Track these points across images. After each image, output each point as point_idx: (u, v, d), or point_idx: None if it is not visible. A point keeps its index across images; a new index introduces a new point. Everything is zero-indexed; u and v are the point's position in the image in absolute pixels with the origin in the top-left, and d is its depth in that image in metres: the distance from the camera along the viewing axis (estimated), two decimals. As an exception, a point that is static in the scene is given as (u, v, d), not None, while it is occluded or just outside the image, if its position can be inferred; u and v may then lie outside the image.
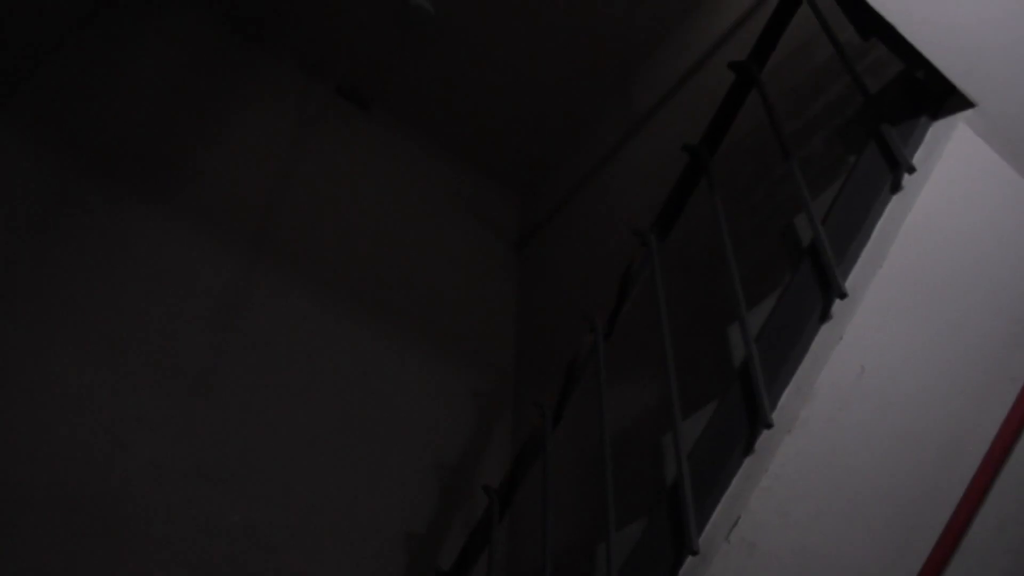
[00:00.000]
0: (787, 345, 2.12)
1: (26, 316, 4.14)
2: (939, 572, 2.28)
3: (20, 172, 4.54)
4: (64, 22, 5.11)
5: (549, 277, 6.12)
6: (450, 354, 5.55)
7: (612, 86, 6.30)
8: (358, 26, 6.17)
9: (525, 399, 5.25)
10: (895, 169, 2.14)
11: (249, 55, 6.04)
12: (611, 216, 5.69)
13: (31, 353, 4.05)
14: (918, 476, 2.21)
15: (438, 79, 6.50)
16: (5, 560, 3.54)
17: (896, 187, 2.14)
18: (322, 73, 6.35)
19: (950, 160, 2.08)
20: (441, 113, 6.69)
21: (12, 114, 4.65)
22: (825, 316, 2.10)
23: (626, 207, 5.43)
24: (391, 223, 5.97)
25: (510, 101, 6.57)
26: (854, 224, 2.14)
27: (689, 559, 2.05)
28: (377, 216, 5.93)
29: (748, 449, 2.08)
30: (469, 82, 6.50)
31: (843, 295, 2.05)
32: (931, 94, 2.16)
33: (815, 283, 2.15)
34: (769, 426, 2.03)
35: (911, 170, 2.09)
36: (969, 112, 2.09)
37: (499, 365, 5.76)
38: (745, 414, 2.13)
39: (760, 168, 4.18)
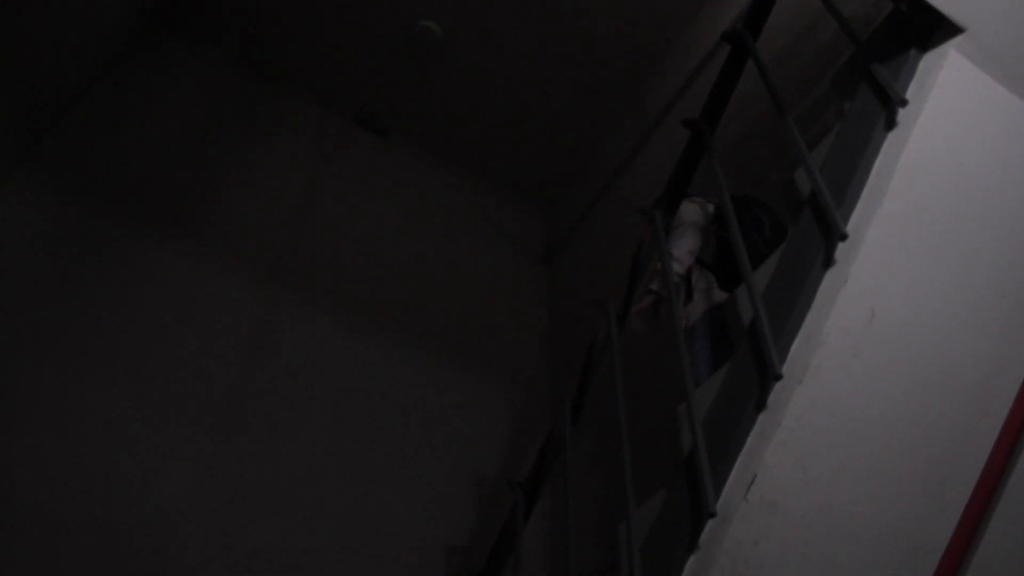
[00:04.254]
0: (793, 295, 2.06)
1: (60, 352, 4.22)
2: (978, 525, 2.18)
3: (49, 214, 4.65)
4: (86, 71, 5.25)
5: (577, 288, 6.07)
6: (482, 369, 5.52)
7: (624, 94, 6.28)
8: (371, 56, 6.24)
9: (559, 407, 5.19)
10: (888, 105, 2.07)
11: (266, 92, 6.15)
12: (634, 220, 5.63)
13: (65, 387, 4.12)
14: (945, 424, 2.12)
15: (454, 102, 6.54)
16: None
17: (891, 124, 2.07)
18: (339, 104, 6.43)
19: (943, 89, 2.01)
20: (459, 135, 6.72)
21: (39, 161, 4.77)
22: (829, 261, 2.04)
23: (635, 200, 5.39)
24: (417, 245, 5.99)
25: (527, 118, 6.58)
26: (850, 166, 2.08)
27: (709, 523, 1.98)
28: (402, 239, 5.96)
29: (760, 405, 2.01)
30: (485, 102, 6.53)
31: (843, 236, 1.98)
32: (918, 25, 2.09)
33: (816, 229, 2.09)
34: (779, 378, 1.96)
35: (903, 103, 2.03)
36: (959, 38, 2.02)
37: (532, 377, 5.71)
38: (755, 370, 2.06)
39: (766, 142, 4.15)
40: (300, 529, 4.28)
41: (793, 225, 2.25)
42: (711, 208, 3.41)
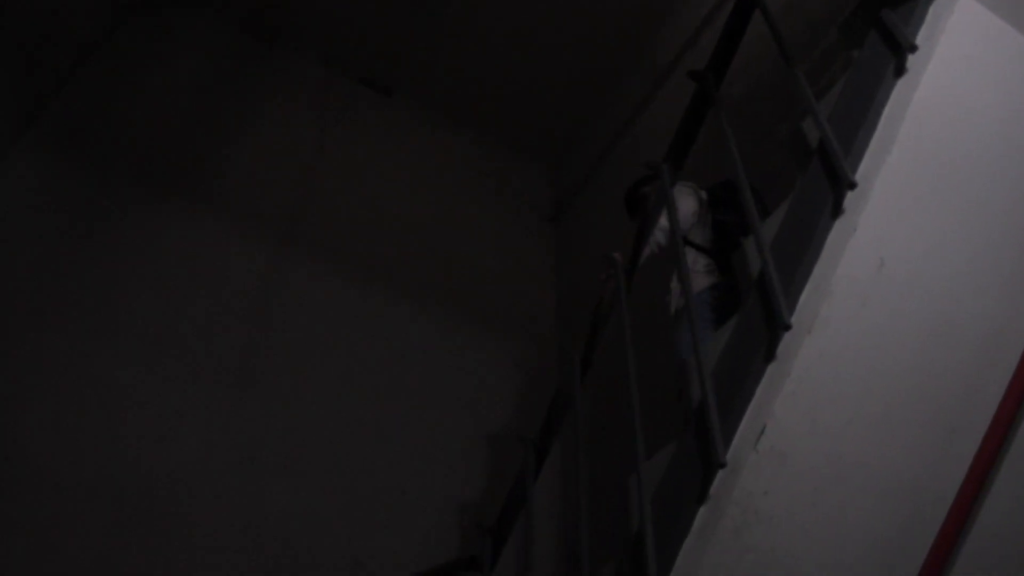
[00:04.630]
0: (801, 245, 2.04)
1: (68, 320, 4.24)
2: (987, 475, 2.17)
3: (54, 181, 4.66)
4: (85, 37, 5.22)
5: (586, 245, 6.05)
6: (492, 327, 5.53)
7: (632, 46, 6.20)
8: (374, 14, 6.17)
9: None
10: (897, 52, 2.04)
11: (269, 55, 6.10)
12: (641, 176, 5.59)
13: (74, 355, 4.14)
14: (955, 375, 2.10)
15: (458, 60, 6.48)
16: (58, 555, 3.62)
17: (900, 70, 2.04)
18: (342, 64, 6.38)
19: (954, 34, 1.98)
20: (464, 93, 6.66)
21: (42, 128, 4.76)
22: (837, 210, 2.02)
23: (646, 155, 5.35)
24: (423, 205, 5.97)
25: (533, 75, 6.52)
26: (859, 114, 2.05)
27: (719, 473, 1.98)
28: (408, 199, 5.94)
29: (769, 356, 2.00)
30: (489, 59, 6.46)
31: (852, 185, 1.96)
32: (929, -31, 2.06)
33: (824, 179, 2.07)
34: (788, 327, 1.95)
35: (913, 49, 2.00)
36: (970, -19, 1.99)
37: (541, 334, 5.73)
38: (764, 321, 2.05)
39: (772, 98, 4.11)
40: (312, 489, 4.32)
41: (801, 175, 2.22)
42: (704, 195, 3.42)
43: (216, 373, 4.46)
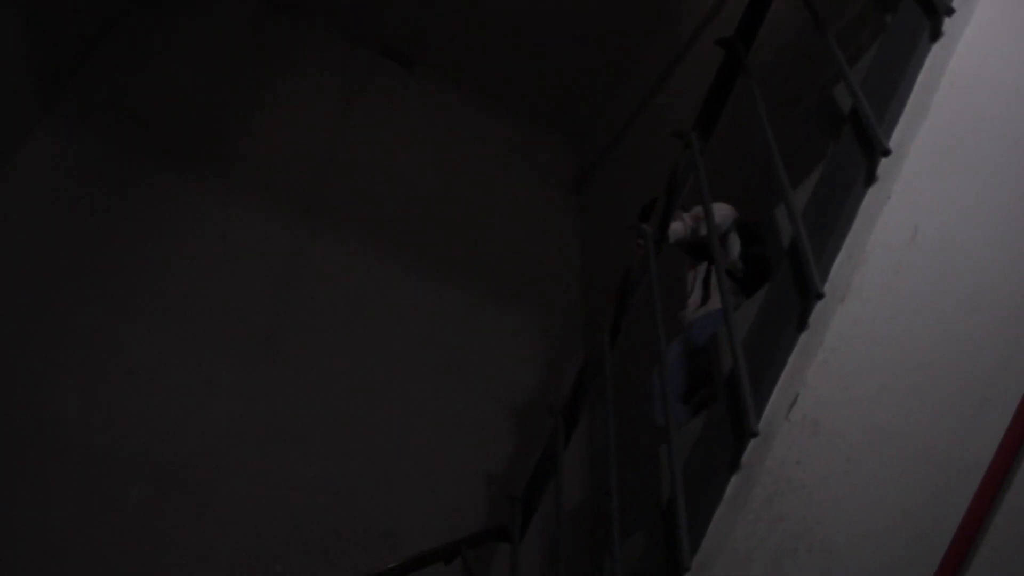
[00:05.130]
0: (834, 212, 2.02)
1: (97, 291, 4.30)
2: (1020, 445, 2.16)
3: (82, 157, 4.69)
4: (108, 12, 5.22)
5: (610, 213, 6.03)
6: (517, 297, 5.55)
7: (656, 14, 6.15)
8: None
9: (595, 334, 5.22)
10: (932, 16, 2.01)
11: (291, 28, 6.10)
12: (666, 144, 5.56)
13: (103, 327, 4.20)
14: (989, 343, 2.08)
15: (480, 31, 6.44)
16: (91, 523, 3.68)
17: (936, 34, 2.01)
18: (364, 37, 6.36)
19: (993, -4, 1.95)
20: (485, 65, 6.63)
21: (68, 104, 4.80)
22: (871, 178, 1.99)
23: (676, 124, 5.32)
24: (446, 176, 5.98)
25: (553, 44, 6.48)
26: (893, 80, 2.02)
27: (751, 442, 1.98)
28: (431, 170, 5.94)
29: (802, 325, 2.00)
30: (511, 30, 6.42)
31: (886, 152, 1.93)
32: (966, -72, 2.01)
33: (857, 146, 2.04)
34: (820, 296, 1.94)
35: (950, 12, 1.96)
36: (1010, -60, 1.95)
37: (567, 303, 5.74)
38: (796, 289, 2.04)
39: (800, 64, 4.06)
40: (339, 459, 4.38)
41: (833, 142, 2.20)
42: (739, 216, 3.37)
43: (244, 342, 4.51)
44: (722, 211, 3.24)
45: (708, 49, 5.35)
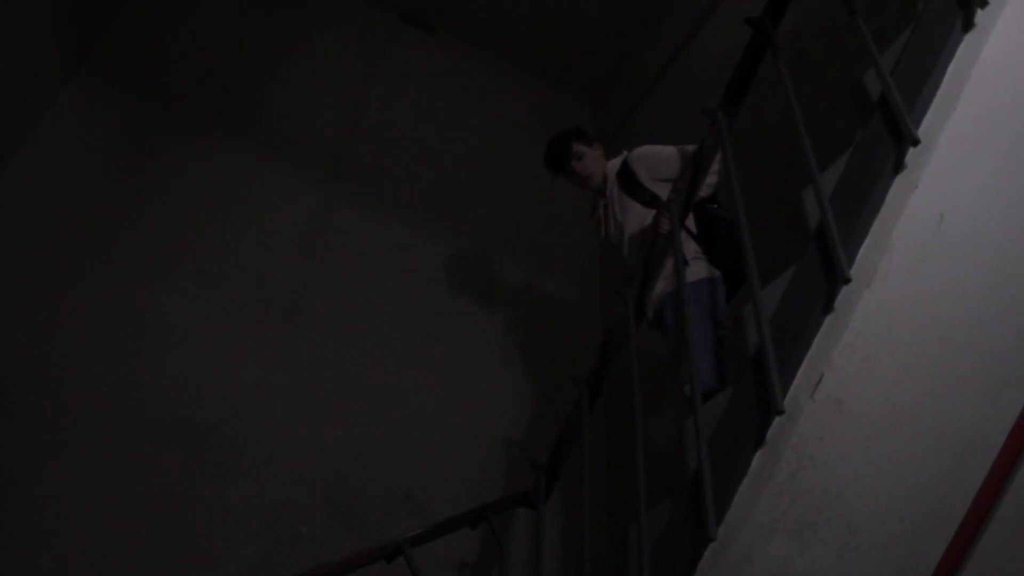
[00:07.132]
0: (861, 199, 2.08)
1: (123, 258, 4.37)
2: (1038, 424, 2.23)
3: (107, 123, 4.74)
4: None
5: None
6: (537, 264, 5.61)
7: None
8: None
9: (613, 302, 5.27)
10: (966, 6, 2.04)
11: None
12: (688, 113, 5.57)
13: (130, 292, 4.28)
14: (1010, 326, 2.15)
15: (500, -6, 6.44)
16: (122, 487, 3.80)
17: (968, 25, 2.04)
18: (383, 2, 6.36)
19: (1025, -11, 1.98)
20: (506, 29, 6.62)
21: (91, 68, 4.83)
22: (899, 166, 2.05)
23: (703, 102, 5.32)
24: (466, 142, 6.00)
25: (575, 7, 6.46)
26: (924, 69, 2.07)
27: (776, 420, 2.06)
28: (451, 136, 5.97)
29: (828, 307, 2.06)
30: (531, -7, 6.41)
31: (915, 142, 1.99)
32: (1001, -81, 2.04)
33: (887, 134, 2.09)
34: (847, 281, 2.00)
35: (983, 4, 2.00)
36: (1045, -70, 1.97)
37: (586, 271, 5.80)
38: (823, 273, 2.11)
39: (821, 38, 4.07)
40: (365, 419, 4.47)
41: (862, 129, 2.25)
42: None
43: (269, 307, 4.59)
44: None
45: (732, 12, 5.35)
